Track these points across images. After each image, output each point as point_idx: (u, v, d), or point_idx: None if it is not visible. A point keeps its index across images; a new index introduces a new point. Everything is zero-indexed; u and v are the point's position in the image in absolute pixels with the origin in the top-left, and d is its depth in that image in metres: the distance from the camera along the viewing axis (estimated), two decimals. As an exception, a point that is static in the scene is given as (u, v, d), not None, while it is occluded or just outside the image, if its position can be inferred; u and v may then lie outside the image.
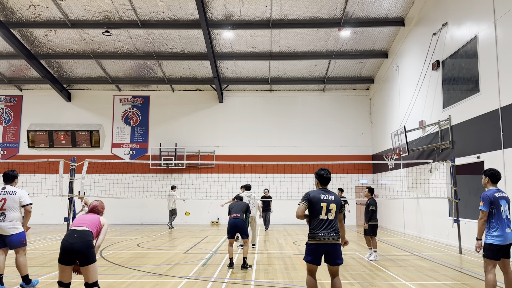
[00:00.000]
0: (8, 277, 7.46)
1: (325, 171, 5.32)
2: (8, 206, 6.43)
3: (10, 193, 6.53)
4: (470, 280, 7.50)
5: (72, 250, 4.64)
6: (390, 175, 18.16)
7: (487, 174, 5.81)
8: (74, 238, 4.71)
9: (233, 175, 19.00)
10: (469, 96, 11.71)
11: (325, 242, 5.00)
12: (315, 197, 5.10)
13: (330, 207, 5.07)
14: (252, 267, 8.63)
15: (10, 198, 6.47)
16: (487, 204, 5.50)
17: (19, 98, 22.12)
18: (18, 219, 6.51)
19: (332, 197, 5.15)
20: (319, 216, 5.05)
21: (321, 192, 5.17)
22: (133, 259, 9.77)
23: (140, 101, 22.11)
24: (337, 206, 5.14)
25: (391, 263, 9.37)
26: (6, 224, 6.38)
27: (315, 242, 5.03)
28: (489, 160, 10.52)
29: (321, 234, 5.01)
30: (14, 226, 6.44)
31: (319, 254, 5.06)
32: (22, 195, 6.58)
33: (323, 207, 5.05)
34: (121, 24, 16.58)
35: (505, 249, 5.45)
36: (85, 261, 4.65)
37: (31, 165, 16.90)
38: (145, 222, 20.95)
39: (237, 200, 9.49)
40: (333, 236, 5.03)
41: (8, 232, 6.39)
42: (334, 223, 5.09)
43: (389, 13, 16.00)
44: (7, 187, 6.62)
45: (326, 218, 5.04)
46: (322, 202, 5.06)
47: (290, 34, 17.35)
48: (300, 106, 22.00)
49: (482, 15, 11.00)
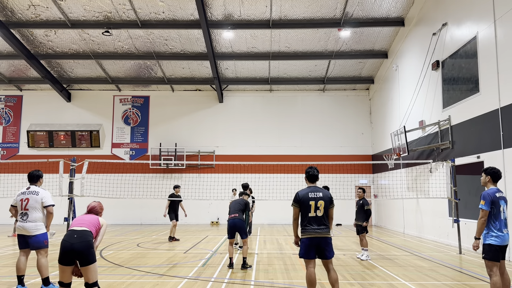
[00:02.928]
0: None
1: (312, 169, 5.70)
2: (30, 206, 6.42)
3: (34, 193, 6.52)
4: (470, 280, 7.50)
5: (72, 251, 4.63)
6: (390, 175, 18.17)
7: (489, 173, 5.71)
8: (74, 239, 4.70)
9: (233, 175, 19.00)
10: (469, 96, 11.71)
11: (316, 236, 5.36)
12: (304, 196, 5.48)
13: (318, 204, 5.43)
14: (252, 267, 8.63)
15: (33, 198, 6.46)
16: (488, 203, 5.43)
17: (19, 98, 22.13)
18: (40, 219, 6.48)
19: (320, 194, 5.50)
20: (308, 214, 5.42)
21: (309, 191, 5.52)
22: (133, 259, 9.77)
23: (140, 101, 22.11)
24: (326, 202, 5.48)
25: (391, 263, 9.36)
26: (28, 224, 6.38)
27: (306, 236, 5.41)
28: (489, 160, 10.52)
29: (311, 228, 5.39)
30: (37, 227, 6.42)
31: (311, 247, 5.38)
32: (44, 195, 6.56)
33: (311, 205, 5.42)
34: (121, 24, 16.58)
35: (502, 250, 5.43)
36: (85, 261, 4.64)
37: (31, 165, 16.79)
38: (145, 222, 20.95)
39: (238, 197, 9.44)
40: (323, 230, 5.40)
41: (31, 232, 6.37)
42: (323, 219, 5.45)
43: (389, 13, 16.00)
44: (31, 187, 6.62)
45: (315, 215, 5.41)
46: (310, 201, 5.43)
47: (290, 34, 17.36)
48: (300, 106, 22.00)
49: (482, 15, 11.00)
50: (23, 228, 6.37)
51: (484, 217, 5.45)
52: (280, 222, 20.52)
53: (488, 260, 5.38)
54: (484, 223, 5.47)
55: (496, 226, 5.41)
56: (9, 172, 18.76)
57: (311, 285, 5.37)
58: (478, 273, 8.07)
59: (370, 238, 14.52)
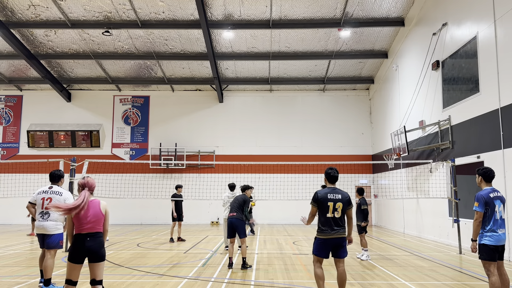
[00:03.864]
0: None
1: (332, 170, 5.71)
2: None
3: (57, 193, 6.60)
4: (470, 280, 7.50)
5: (84, 248, 4.68)
6: (390, 175, 18.17)
7: (479, 173, 5.73)
8: (88, 242, 4.73)
9: (233, 175, 18.99)
10: (469, 96, 11.71)
11: (332, 237, 5.43)
12: (323, 197, 5.50)
13: (337, 205, 5.46)
14: (252, 267, 8.63)
15: (56, 198, 6.53)
16: (482, 205, 5.42)
17: (19, 98, 22.13)
18: (60, 219, 6.58)
19: (339, 196, 5.53)
20: (326, 214, 5.45)
21: (329, 192, 5.55)
22: (133, 259, 9.77)
23: (140, 101, 22.12)
24: (344, 204, 5.51)
25: (391, 263, 9.36)
26: (49, 223, 6.45)
27: (323, 237, 5.48)
28: (489, 160, 10.53)
29: (329, 230, 5.44)
30: (56, 227, 6.52)
31: (327, 248, 5.48)
32: (68, 196, 6.67)
33: (329, 206, 5.45)
34: (121, 24, 16.58)
35: (499, 250, 5.40)
36: (96, 258, 4.72)
37: (31, 165, 16.90)
38: (145, 222, 20.95)
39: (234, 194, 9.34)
40: (339, 231, 5.45)
41: (50, 231, 6.45)
42: (340, 220, 5.49)
43: (389, 13, 16.00)
44: (54, 187, 6.69)
45: (333, 216, 5.45)
46: (329, 202, 5.46)
47: (290, 34, 17.35)
48: (300, 106, 22.00)
49: (482, 15, 11.00)
50: (43, 227, 6.44)
51: (479, 218, 5.43)
52: (280, 222, 20.52)
53: (484, 260, 5.38)
54: (480, 225, 5.45)
55: (490, 226, 5.38)
56: (9, 172, 18.79)
57: (320, 279, 5.48)
58: (478, 273, 8.07)
59: (370, 238, 14.52)
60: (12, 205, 14.03)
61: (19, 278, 7.48)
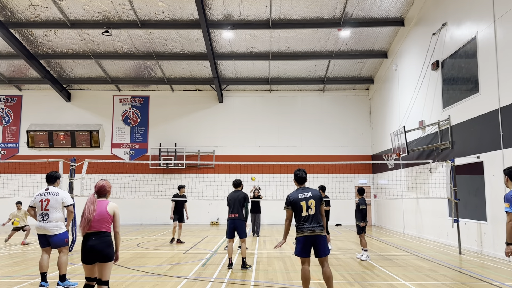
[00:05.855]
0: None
1: (300, 172, 5.94)
2: (51, 207, 6.64)
3: (54, 194, 6.75)
4: (470, 280, 7.50)
5: (87, 247, 4.80)
6: (390, 175, 18.17)
7: (506, 173, 5.38)
8: (93, 240, 4.84)
9: (232, 175, 18.82)
10: (468, 96, 11.71)
11: (311, 234, 5.56)
12: (294, 198, 5.72)
13: (309, 203, 5.66)
14: (251, 267, 8.63)
15: (54, 198, 6.69)
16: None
17: (19, 98, 22.12)
18: (60, 219, 6.72)
19: (310, 193, 5.73)
20: (301, 214, 5.65)
21: (299, 192, 5.76)
22: (133, 259, 9.77)
23: (139, 101, 22.11)
24: (316, 200, 5.68)
25: (390, 263, 9.36)
26: (49, 224, 6.59)
27: (302, 235, 5.61)
28: (488, 160, 10.54)
29: (306, 227, 5.59)
30: (57, 227, 6.65)
31: (307, 245, 5.57)
32: (64, 196, 6.84)
33: (302, 205, 5.65)
34: (120, 24, 16.58)
35: None
36: (104, 258, 4.82)
37: (31, 165, 16.87)
38: (145, 222, 20.95)
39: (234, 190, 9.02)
40: (317, 228, 5.60)
41: (52, 232, 6.59)
42: (316, 217, 5.65)
43: (389, 13, 16.01)
44: (50, 188, 6.85)
45: (308, 214, 5.63)
46: (301, 201, 5.67)
47: (289, 34, 17.36)
48: (300, 106, 22.01)
49: (482, 15, 11.00)
50: (44, 228, 6.58)
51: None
52: (280, 222, 20.49)
53: None
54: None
55: None
56: (9, 172, 18.77)
57: (305, 282, 5.64)
58: (478, 273, 8.07)
59: (370, 238, 14.52)
60: (12, 205, 14.00)
61: (19, 278, 7.48)
